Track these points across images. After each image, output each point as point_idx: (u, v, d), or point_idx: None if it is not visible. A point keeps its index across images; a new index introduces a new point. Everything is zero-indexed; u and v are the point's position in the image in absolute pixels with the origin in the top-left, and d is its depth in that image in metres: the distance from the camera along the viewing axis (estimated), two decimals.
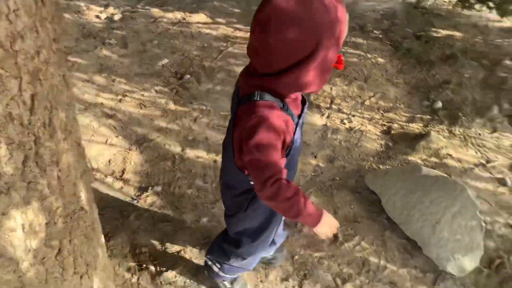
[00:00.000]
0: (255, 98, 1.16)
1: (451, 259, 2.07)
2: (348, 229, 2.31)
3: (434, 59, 3.78)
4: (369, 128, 3.03)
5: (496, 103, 3.27)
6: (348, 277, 2.09)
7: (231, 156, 1.33)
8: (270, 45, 1.06)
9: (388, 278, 2.10)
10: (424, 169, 2.42)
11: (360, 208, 2.44)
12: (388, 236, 2.28)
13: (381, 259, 2.18)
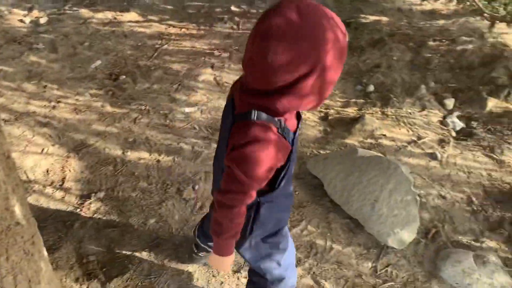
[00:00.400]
0: (253, 118, 1.11)
1: (391, 233, 2.19)
2: (294, 214, 2.39)
3: (364, 44, 3.95)
4: (308, 115, 3.13)
5: (423, 83, 3.48)
6: (297, 261, 2.16)
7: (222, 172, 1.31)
8: (270, 60, 0.99)
9: (335, 257, 2.19)
10: (360, 150, 2.54)
11: (304, 193, 2.52)
12: (332, 218, 2.38)
13: (327, 240, 2.27)
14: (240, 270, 2.10)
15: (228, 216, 1.24)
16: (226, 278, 2.06)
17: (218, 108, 3.11)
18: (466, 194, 2.56)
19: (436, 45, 3.97)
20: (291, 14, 0.97)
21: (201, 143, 2.83)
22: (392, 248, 2.22)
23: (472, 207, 2.49)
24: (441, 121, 3.17)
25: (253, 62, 1.05)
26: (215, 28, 4.03)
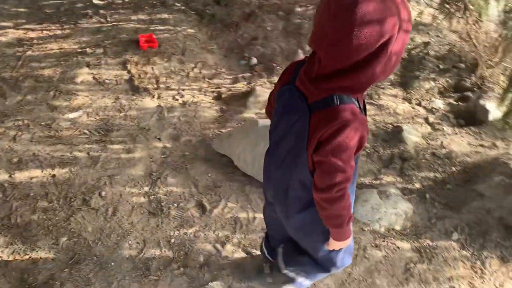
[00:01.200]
0: (336, 103, 1.10)
1: None
2: (212, 196, 2.39)
3: (238, 19, 4.01)
4: (201, 98, 3.11)
5: (299, 48, 3.66)
6: (226, 239, 2.18)
7: (301, 167, 1.27)
8: (353, 34, 0.97)
9: (260, 226, 2.25)
10: (260, 121, 2.61)
11: (216, 174, 2.53)
12: (249, 190, 2.43)
13: (248, 212, 2.32)
14: (171, 263, 2.06)
15: (344, 207, 1.26)
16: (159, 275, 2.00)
17: (105, 108, 2.93)
18: None
19: (303, 10, 4.18)
20: None
21: (96, 147, 2.66)
22: None
23: (366, 150, 2.73)
24: None
25: (334, 39, 1.01)
26: (81, 25, 3.75)
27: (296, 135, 1.24)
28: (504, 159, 2.53)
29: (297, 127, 1.22)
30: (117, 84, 3.15)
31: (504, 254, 2.19)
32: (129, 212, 2.29)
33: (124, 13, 3.96)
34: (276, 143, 1.37)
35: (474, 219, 2.33)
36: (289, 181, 1.35)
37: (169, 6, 4.10)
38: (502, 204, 2.30)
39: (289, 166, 1.33)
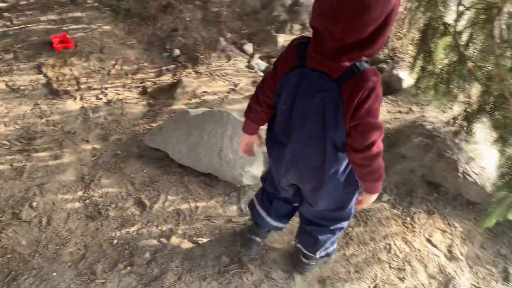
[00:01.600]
0: (360, 69, 1.22)
1: (243, 173, 2.37)
2: (151, 192, 2.36)
3: (155, 12, 3.94)
4: (126, 94, 3.03)
5: (221, 35, 3.68)
6: (170, 232, 2.17)
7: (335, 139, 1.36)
8: (371, 7, 1.07)
9: (203, 214, 2.27)
10: (191, 111, 2.61)
11: (152, 169, 2.50)
12: (187, 181, 2.43)
13: (190, 202, 2.33)
14: (117, 264, 2.02)
15: (381, 161, 1.37)
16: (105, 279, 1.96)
17: (24, 115, 2.77)
18: None
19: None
20: None
21: (19, 158, 2.51)
22: (248, 185, 2.41)
23: None
24: (247, 65, 3.44)
25: (357, 12, 1.09)
26: None
27: (325, 112, 1.30)
28: (420, 121, 2.74)
29: (325, 103, 1.29)
30: (33, 89, 2.98)
31: (430, 207, 2.39)
32: (65, 220, 2.20)
33: (31, 15, 3.73)
34: (300, 125, 1.40)
35: (401, 180, 2.52)
36: (324, 155, 1.42)
37: (80, 4, 3.92)
38: (423, 162, 2.51)
39: (321, 142, 1.39)
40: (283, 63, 1.37)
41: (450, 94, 2.47)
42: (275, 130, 1.50)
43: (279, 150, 1.51)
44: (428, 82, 2.55)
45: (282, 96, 1.39)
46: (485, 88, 2.23)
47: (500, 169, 2.04)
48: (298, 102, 1.35)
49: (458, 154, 2.44)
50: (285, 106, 1.39)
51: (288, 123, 1.42)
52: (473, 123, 2.37)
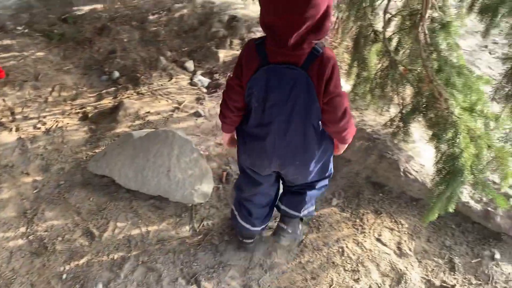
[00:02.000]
0: (320, 50, 1.41)
1: (193, 192, 2.35)
2: (99, 221, 2.28)
3: (90, 35, 3.85)
4: (66, 121, 2.93)
5: (160, 54, 3.66)
6: (122, 260, 2.11)
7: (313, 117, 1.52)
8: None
9: (155, 238, 2.23)
10: (134, 133, 2.56)
11: (99, 196, 2.42)
12: (136, 205, 2.38)
13: (141, 227, 2.27)
14: None
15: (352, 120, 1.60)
16: None
17: None
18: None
19: (157, 18, 4.18)
20: None
21: None
22: (200, 203, 2.39)
23: None
24: (190, 82, 3.43)
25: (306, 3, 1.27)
26: None
27: (299, 97, 1.48)
28: (360, 126, 2.84)
29: (298, 90, 1.46)
30: None
31: (376, 207, 2.48)
32: (7, 259, 2.08)
33: None
34: (277, 116, 1.53)
35: (347, 183, 2.60)
36: (304, 137, 1.58)
37: (9, 31, 3.76)
38: (366, 164, 2.60)
39: (300, 125, 1.55)
40: (246, 66, 1.49)
41: (386, 98, 2.59)
42: (250, 128, 1.63)
43: (260, 145, 1.63)
44: (364, 88, 2.66)
45: (253, 96, 1.52)
46: (416, 89, 2.36)
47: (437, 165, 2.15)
48: (271, 97, 1.49)
49: (398, 154, 2.56)
50: (258, 103, 1.53)
51: (263, 118, 1.55)
52: (409, 124, 2.49)
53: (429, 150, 2.57)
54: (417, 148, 2.63)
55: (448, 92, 2.10)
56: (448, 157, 1.99)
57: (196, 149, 2.50)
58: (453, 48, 2.34)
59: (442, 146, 2.17)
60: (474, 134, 1.95)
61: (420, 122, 2.47)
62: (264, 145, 1.61)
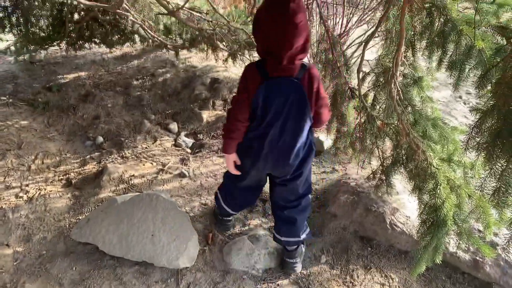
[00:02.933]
0: (307, 65, 1.85)
1: (179, 256, 2.30)
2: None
3: (75, 102, 3.91)
4: (49, 189, 2.90)
5: (145, 118, 3.71)
6: None
7: (307, 120, 1.91)
8: (306, 21, 1.73)
9: None
10: (118, 198, 2.54)
11: (82, 265, 2.35)
12: (121, 272, 2.31)
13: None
14: None
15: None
16: None
17: None
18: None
19: (140, 83, 4.28)
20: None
21: None
22: (186, 268, 2.34)
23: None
24: (174, 144, 3.47)
25: (299, 31, 1.68)
26: None
27: (295, 103, 1.86)
28: (344, 179, 2.88)
29: (294, 96, 1.84)
30: None
31: (366, 262, 2.45)
32: None
33: None
34: (276, 121, 1.89)
35: (335, 239, 2.58)
36: (297, 137, 1.94)
37: None
38: (353, 219, 2.60)
39: (295, 127, 1.91)
40: (251, 82, 1.85)
41: (366, 151, 2.65)
42: (248, 138, 1.99)
43: (257, 150, 1.99)
44: (345, 142, 2.72)
45: (259, 105, 1.87)
46: (395, 142, 2.42)
47: (421, 216, 2.17)
48: (273, 104, 1.85)
49: (383, 206, 2.57)
50: (261, 112, 1.89)
51: (265, 123, 1.91)
52: (391, 176, 2.53)
53: (413, 201, 2.60)
54: (401, 200, 2.66)
55: (425, 144, 2.16)
56: (431, 208, 2.01)
57: (181, 211, 2.48)
58: (426, 101, 2.44)
59: (424, 197, 2.20)
60: (454, 184, 1.99)
61: (401, 174, 2.52)
62: (261, 149, 1.98)
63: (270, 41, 1.75)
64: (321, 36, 2.71)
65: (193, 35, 3.97)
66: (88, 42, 4.25)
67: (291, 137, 1.94)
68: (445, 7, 2.12)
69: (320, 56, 2.79)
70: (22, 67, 4.50)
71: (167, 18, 3.95)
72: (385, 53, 2.49)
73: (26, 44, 4.05)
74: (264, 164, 2.05)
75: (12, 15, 3.77)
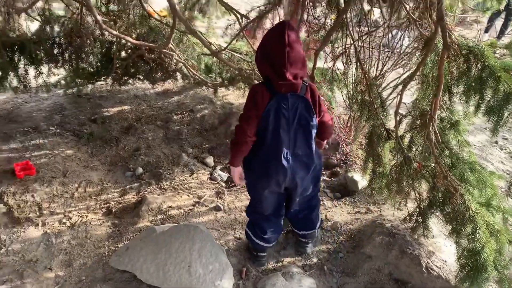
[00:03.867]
0: (307, 81, 2.17)
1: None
2: None
3: (117, 134, 4.09)
4: (90, 216, 3.02)
5: (182, 151, 3.85)
6: None
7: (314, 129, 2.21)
8: (303, 54, 2.07)
9: None
10: (156, 228, 2.63)
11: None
12: None
13: None
14: None
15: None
16: None
17: None
18: None
19: (180, 118, 4.45)
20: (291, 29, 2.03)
21: None
22: None
23: None
24: (210, 177, 3.56)
25: (300, 55, 2.03)
26: None
27: (303, 114, 2.13)
28: (379, 220, 2.88)
29: (300, 110, 2.12)
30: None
31: None
32: None
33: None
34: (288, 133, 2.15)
35: (369, 280, 2.56)
36: (308, 146, 2.22)
37: (43, 131, 4.03)
38: (388, 260, 2.58)
39: (309, 136, 2.21)
40: (261, 100, 2.08)
41: (402, 192, 2.65)
42: (263, 152, 2.19)
43: (276, 162, 2.19)
44: (380, 183, 2.74)
45: (269, 120, 2.10)
46: (432, 185, 2.43)
47: (459, 261, 2.15)
48: (282, 119, 2.10)
49: (419, 249, 2.55)
50: (272, 126, 2.11)
51: (276, 137, 2.14)
52: (427, 218, 2.52)
53: (450, 245, 2.57)
54: (438, 243, 2.63)
55: (463, 188, 2.16)
56: (470, 252, 2.00)
57: (217, 243, 2.53)
58: (463, 145, 2.45)
59: (463, 241, 2.19)
60: (493, 229, 1.98)
61: (438, 217, 2.50)
62: (279, 161, 2.18)
63: (275, 61, 2.02)
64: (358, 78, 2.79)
65: (232, 75, 4.14)
66: (132, 78, 4.48)
67: (303, 148, 2.22)
68: (483, 54, 2.17)
69: (356, 97, 2.86)
70: (70, 100, 4.76)
71: (209, 58, 4.14)
72: (421, 96, 2.54)
73: (75, 79, 4.30)
74: (282, 178, 2.24)
75: (65, 52, 4.04)
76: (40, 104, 4.69)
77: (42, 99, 4.81)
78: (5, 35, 3.70)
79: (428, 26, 2.40)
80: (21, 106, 4.67)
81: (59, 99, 4.79)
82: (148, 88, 5.17)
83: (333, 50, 3.11)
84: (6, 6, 3.67)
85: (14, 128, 4.08)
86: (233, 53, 3.82)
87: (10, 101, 4.80)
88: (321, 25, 3.05)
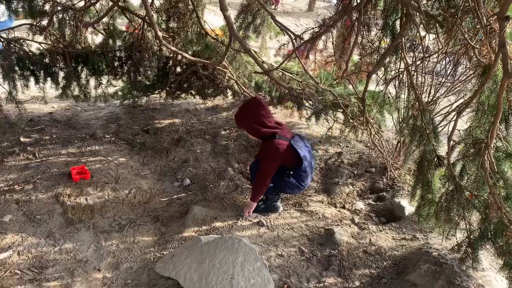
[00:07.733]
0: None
1: None
2: None
3: (167, 145, 4.25)
4: (138, 222, 3.13)
5: (229, 166, 3.93)
6: None
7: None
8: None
9: None
10: (202, 238, 2.69)
11: None
12: None
13: None
14: None
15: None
16: None
17: (38, 244, 2.83)
18: (296, 246, 2.95)
19: (227, 133, 4.56)
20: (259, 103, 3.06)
21: (29, 287, 2.51)
22: None
23: (305, 255, 2.88)
24: None
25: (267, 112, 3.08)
26: (7, 162, 3.72)
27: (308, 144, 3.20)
28: (425, 248, 2.80)
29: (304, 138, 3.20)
30: (50, 218, 3.09)
31: None
32: None
33: (53, 148, 4.02)
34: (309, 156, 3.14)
35: None
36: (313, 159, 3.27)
37: (99, 138, 4.25)
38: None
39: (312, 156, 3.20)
40: (285, 152, 2.96)
41: (451, 221, 2.58)
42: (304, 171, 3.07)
43: (309, 173, 3.14)
44: (428, 210, 2.68)
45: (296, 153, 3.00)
46: (484, 215, 2.36)
47: None
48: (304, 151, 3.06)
49: (468, 281, 2.46)
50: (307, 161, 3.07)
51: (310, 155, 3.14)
52: (477, 250, 2.43)
53: (501, 280, 2.47)
54: (488, 277, 2.52)
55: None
56: None
57: (260, 258, 2.56)
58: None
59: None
60: None
61: (489, 249, 2.42)
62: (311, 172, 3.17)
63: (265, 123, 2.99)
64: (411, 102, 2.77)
65: (282, 93, 4.21)
66: (185, 93, 4.66)
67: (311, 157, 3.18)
68: None
69: (407, 121, 2.84)
70: (125, 110, 5.00)
71: (260, 77, 4.24)
72: (476, 124, 2.48)
73: (132, 90, 4.53)
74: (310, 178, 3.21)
75: (124, 65, 4.27)
76: (97, 113, 4.95)
77: (99, 108, 5.08)
78: (72, 47, 3.96)
79: (486, 54, 2.37)
80: (80, 113, 4.95)
81: (115, 109, 5.03)
82: (198, 103, 5.34)
83: (386, 74, 3.11)
84: (75, 20, 3.94)
85: (72, 134, 4.33)
86: (284, 72, 3.90)
87: (70, 109, 5.10)
88: (374, 48, 3.06)
